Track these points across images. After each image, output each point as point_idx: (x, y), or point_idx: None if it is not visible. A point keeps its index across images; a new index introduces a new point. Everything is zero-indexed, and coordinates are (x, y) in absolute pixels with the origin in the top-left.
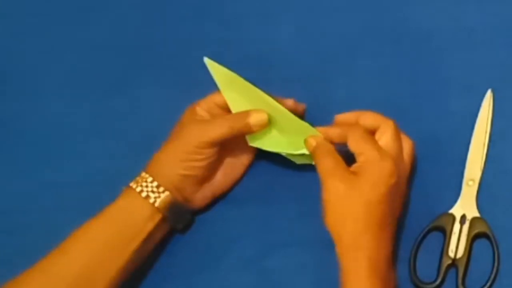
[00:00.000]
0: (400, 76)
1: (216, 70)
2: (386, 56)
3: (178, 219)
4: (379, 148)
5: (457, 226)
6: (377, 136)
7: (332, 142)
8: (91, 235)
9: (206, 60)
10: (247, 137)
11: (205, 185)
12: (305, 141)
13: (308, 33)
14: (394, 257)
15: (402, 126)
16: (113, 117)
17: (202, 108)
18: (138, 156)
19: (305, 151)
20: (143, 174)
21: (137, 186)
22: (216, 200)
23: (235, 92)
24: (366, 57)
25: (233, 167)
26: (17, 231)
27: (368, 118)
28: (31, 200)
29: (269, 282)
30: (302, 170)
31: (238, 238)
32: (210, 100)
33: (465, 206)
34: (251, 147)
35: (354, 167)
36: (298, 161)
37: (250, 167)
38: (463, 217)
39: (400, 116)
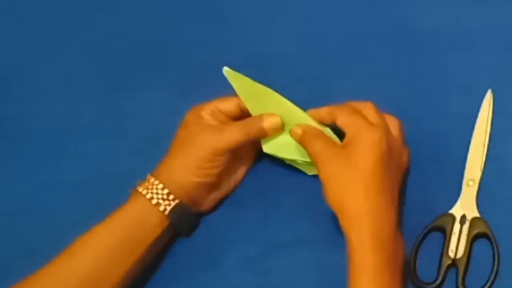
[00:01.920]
0: (400, 76)
1: (235, 79)
2: (386, 56)
3: (185, 225)
4: (367, 120)
5: (457, 226)
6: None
7: (322, 122)
8: (98, 240)
9: (225, 70)
10: (262, 144)
11: (213, 191)
12: (291, 132)
13: (308, 33)
14: (399, 227)
15: None
16: (115, 117)
17: (206, 112)
18: (141, 156)
19: None
20: (153, 180)
21: (147, 192)
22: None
23: (255, 99)
24: (366, 58)
25: (236, 169)
26: (20, 232)
27: (349, 105)
28: (33, 201)
29: (270, 282)
30: (302, 170)
31: (238, 238)
32: (214, 106)
33: (465, 206)
34: (252, 148)
35: (345, 139)
36: (311, 171)
37: (250, 168)
38: (463, 217)
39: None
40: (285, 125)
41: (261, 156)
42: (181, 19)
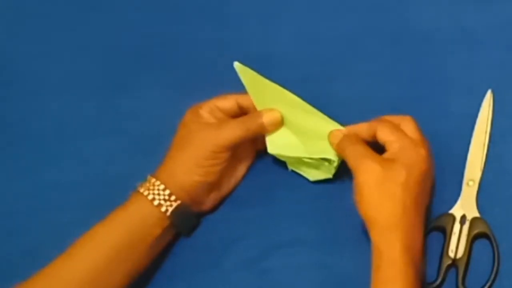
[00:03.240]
0: (400, 76)
1: (245, 73)
2: (387, 56)
3: (186, 225)
4: (410, 136)
5: (457, 226)
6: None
7: (361, 137)
8: (99, 240)
9: (236, 64)
10: (268, 145)
11: (214, 190)
12: (330, 134)
13: (308, 33)
14: (424, 246)
15: None
16: (115, 117)
17: (205, 111)
18: (141, 156)
19: (327, 155)
20: (154, 180)
21: (148, 194)
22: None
23: (263, 95)
24: (366, 58)
25: (236, 168)
26: (20, 232)
27: (387, 119)
28: (33, 201)
29: (269, 282)
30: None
31: (238, 238)
32: (213, 104)
33: (465, 206)
34: (252, 147)
35: (387, 154)
36: (313, 176)
37: (250, 167)
38: (463, 217)
39: None
40: (291, 123)
41: (261, 155)
42: (181, 19)
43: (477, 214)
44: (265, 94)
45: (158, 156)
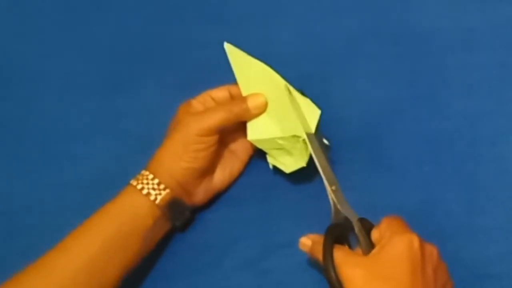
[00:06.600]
0: (400, 76)
1: (234, 54)
2: (386, 56)
3: (178, 216)
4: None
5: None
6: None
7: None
8: (91, 232)
9: (226, 45)
10: (248, 130)
11: (205, 180)
12: (300, 243)
13: (308, 33)
14: None
15: (402, 126)
16: (114, 117)
17: (198, 101)
18: (139, 156)
19: (297, 132)
20: (144, 171)
21: (137, 184)
22: (216, 199)
23: (249, 76)
24: (366, 58)
25: (231, 162)
26: (18, 232)
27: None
28: (32, 201)
29: (269, 282)
30: (302, 170)
31: (238, 238)
32: (207, 94)
33: (346, 212)
34: (249, 143)
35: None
36: (289, 168)
37: (249, 166)
38: (349, 221)
39: (400, 117)
40: (273, 105)
41: (261, 155)
42: (180, 19)
43: (357, 216)
44: (251, 75)
45: None
